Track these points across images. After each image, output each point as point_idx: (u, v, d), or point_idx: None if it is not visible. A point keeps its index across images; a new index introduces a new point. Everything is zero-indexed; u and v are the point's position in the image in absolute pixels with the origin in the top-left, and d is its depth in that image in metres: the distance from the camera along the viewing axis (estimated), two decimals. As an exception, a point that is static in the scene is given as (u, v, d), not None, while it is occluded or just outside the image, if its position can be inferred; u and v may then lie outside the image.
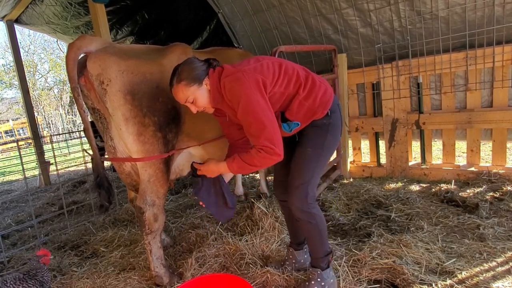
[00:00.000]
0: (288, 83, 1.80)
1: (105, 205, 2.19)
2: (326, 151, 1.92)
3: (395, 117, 3.82)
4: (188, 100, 1.79)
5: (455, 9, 3.25)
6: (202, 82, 1.77)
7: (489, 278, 1.96)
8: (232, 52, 3.02)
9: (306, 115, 1.86)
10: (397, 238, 2.41)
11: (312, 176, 1.88)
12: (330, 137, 1.91)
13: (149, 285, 2.30)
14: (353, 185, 3.72)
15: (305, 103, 1.82)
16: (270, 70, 1.76)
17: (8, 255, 3.03)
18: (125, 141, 2.09)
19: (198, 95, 1.77)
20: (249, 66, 1.75)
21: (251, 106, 1.64)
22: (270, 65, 1.78)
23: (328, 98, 1.87)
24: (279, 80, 1.77)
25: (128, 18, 4.95)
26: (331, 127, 1.90)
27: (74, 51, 1.93)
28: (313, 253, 2.00)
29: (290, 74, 1.81)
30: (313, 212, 1.89)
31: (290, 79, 1.80)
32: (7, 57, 22.76)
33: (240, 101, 1.66)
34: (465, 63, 3.32)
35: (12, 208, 4.92)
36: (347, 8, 3.77)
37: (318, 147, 1.89)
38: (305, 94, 1.82)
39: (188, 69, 1.75)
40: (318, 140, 1.89)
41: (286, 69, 1.81)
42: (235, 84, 1.68)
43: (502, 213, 2.68)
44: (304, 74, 1.86)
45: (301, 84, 1.82)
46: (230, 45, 5.10)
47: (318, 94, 1.84)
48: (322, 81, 1.92)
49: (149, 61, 2.08)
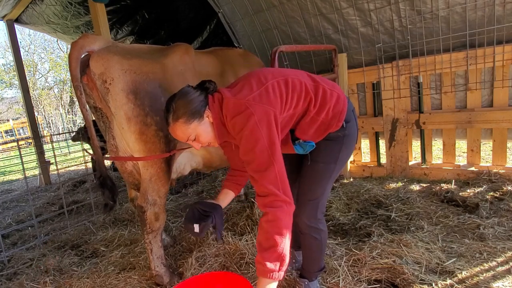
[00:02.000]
0: (297, 101, 1.59)
1: (110, 204, 2.20)
2: (339, 165, 1.76)
3: (395, 116, 3.82)
4: (190, 139, 1.55)
5: (455, 9, 3.25)
6: (203, 115, 1.52)
7: (489, 278, 1.96)
8: (233, 52, 3.02)
9: (319, 131, 1.67)
10: (397, 237, 2.41)
11: (323, 192, 1.78)
12: (345, 150, 1.74)
13: (149, 284, 2.30)
14: (353, 185, 3.72)
15: (318, 118, 1.63)
16: (277, 94, 1.52)
17: (8, 255, 3.04)
18: (127, 140, 2.09)
19: (201, 131, 1.53)
20: (254, 95, 1.49)
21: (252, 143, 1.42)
22: (276, 87, 1.54)
23: (342, 108, 1.66)
24: (287, 103, 1.55)
25: (128, 18, 4.94)
26: (346, 139, 1.72)
27: (77, 50, 1.94)
28: (307, 266, 1.94)
29: (299, 90, 1.59)
30: (320, 228, 1.82)
31: (300, 96, 1.59)
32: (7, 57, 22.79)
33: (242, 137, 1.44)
34: (466, 63, 3.32)
35: (13, 208, 4.92)
36: (347, 7, 3.77)
37: (331, 161, 1.73)
38: (317, 109, 1.62)
39: (184, 104, 1.49)
40: (332, 155, 1.72)
41: (293, 85, 1.58)
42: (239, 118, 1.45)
43: (502, 213, 2.68)
44: (312, 86, 1.64)
45: (311, 98, 1.60)
46: (230, 45, 5.10)
47: (330, 105, 1.64)
48: (334, 88, 1.69)
49: (151, 60, 2.08)
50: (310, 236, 1.82)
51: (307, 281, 1.94)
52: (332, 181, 1.82)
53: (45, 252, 3.05)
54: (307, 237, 1.84)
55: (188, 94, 1.53)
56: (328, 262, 2.23)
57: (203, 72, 2.45)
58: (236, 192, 1.86)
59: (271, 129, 1.44)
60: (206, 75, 2.46)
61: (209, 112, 1.54)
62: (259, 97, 1.48)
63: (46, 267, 2.72)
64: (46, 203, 4.73)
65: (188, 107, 1.49)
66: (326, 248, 1.94)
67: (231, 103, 1.49)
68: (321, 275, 2.08)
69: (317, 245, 1.85)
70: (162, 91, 2.08)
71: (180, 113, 1.49)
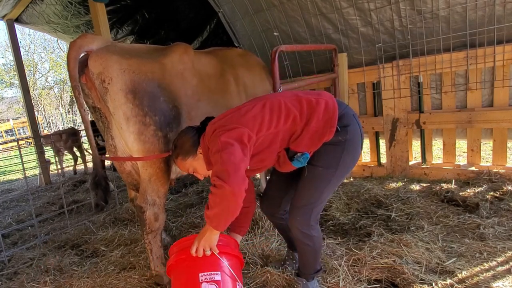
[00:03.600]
0: (277, 121, 1.64)
1: (101, 204, 2.19)
2: (340, 171, 1.73)
3: (396, 116, 3.82)
4: (190, 171, 1.80)
5: (455, 9, 3.25)
6: (196, 153, 1.74)
7: (489, 278, 1.96)
8: (232, 52, 3.02)
9: (313, 140, 1.68)
10: (397, 237, 2.41)
11: (320, 197, 1.75)
12: (347, 155, 1.70)
13: (149, 284, 2.30)
14: (354, 185, 3.72)
15: (309, 129, 1.66)
16: (249, 117, 1.62)
17: (8, 254, 3.04)
18: (126, 140, 2.09)
19: (196, 165, 1.77)
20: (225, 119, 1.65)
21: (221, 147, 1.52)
22: (250, 110, 1.65)
23: (332, 114, 1.67)
24: (263, 124, 1.62)
25: (128, 18, 4.94)
26: (348, 144, 1.70)
27: (75, 50, 1.93)
28: (302, 268, 1.97)
29: (277, 110, 1.65)
30: (312, 235, 1.80)
31: (279, 116, 1.64)
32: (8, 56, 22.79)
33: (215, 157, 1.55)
34: (466, 63, 3.31)
35: (13, 207, 4.93)
36: (347, 7, 3.77)
37: (331, 166, 1.71)
38: (305, 121, 1.67)
39: (180, 144, 1.76)
40: (332, 159, 1.70)
41: (271, 107, 1.65)
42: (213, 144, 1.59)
43: (502, 213, 2.68)
44: (295, 101, 1.69)
45: (296, 115, 1.66)
46: (230, 45, 5.10)
47: (320, 112, 1.67)
48: (320, 96, 1.73)
49: (150, 60, 2.08)
50: (303, 242, 1.82)
51: (305, 281, 1.95)
52: (332, 187, 1.79)
53: (45, 251, 3.05)
54: (299, 243, 1.86)
55: (184, 135, 1.78)
56: (328, 262, 2.23)
57: (203, 72, 2.44)
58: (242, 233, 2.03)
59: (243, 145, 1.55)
60: (205, 75, 2.46)
61: (200, 150, 1.74)
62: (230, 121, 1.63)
63: (47, 266, 2.72)
64: (46, 203, 4.74)
65: (183, 147, 1.75)
66: (321, 252, 1.92)
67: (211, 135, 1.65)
68: (320, 275, 2.08)
69: (309, 251, 1.85)
70: (161, 91, 2.08)
71: (178, 152, 1.76)
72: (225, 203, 1.50)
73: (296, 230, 1.80)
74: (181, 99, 2.20)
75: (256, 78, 3.04)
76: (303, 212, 1.76)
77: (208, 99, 2.41)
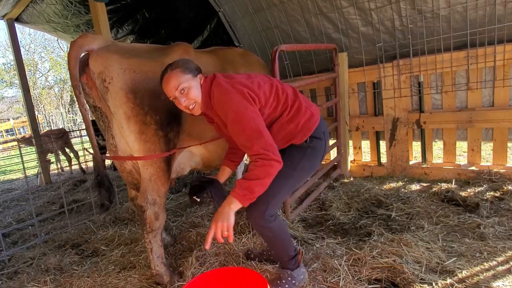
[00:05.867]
0: (276, 105, 1.78)
1: (106, 204, 2.19)
2: (298, 173, 1.85)
3: (396, 116, 3.82)
4: (180, 88, 1.70)
5: (456, 8, 3.25)
6: (197, 76, 1.77)
7: (490, 277, 1.96)
8: (233, 51, 3.02)
9: (285, 139, 1.84)
10: (397, 237, 2.41)
11: (276, 193, 1.79)
12: (307, 160, 1.85)
13: (150, 283, 2.30)
14: (354, 184, 3.72)
15: (287, 127, 1.80)
16: (261, 89, 1.74)
17: (9, 254, 3.04)
18: (126, 139, 2.09)
19: (192, 85, 1.73)
20: (240, 80, 1.73)
21: (240, 115, 1.60)
22: (262, 84, 1.77)
23: (312, 125, 1.84)
24: (268, 101, 1.75)
25: (129, 17, 4.94)
26: (310, 150, 1.85)
27: (76, 49, 1.93)
28: (277, 258, 2.02)
29: (280, 96, 1.79)
30: (270, 226, 1.82)
31: (279, 101, 1.79)
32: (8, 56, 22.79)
33: (228, 113, 1.63)
34: (466, 62, 3.31)
35: (13, 207, 4.93)
36: (348, 7, 3.77)
37: (291, 166, 1.81)
38: (288, 118, 1.80)
39: (183, 61, 1.78)
40: (293, 160, 1.83)
41: (276, 90, 1.79)
42: (223, 96, 1.66)
43: (502, 213, 2.68)
44: (292, 98, 1.84)
45: (287, 107, 1.80)
46: (230, 44, 5.10)
47: (302, 119, 1.81)
48: (310, 106, 1.88)
49: (151, 59, 2.08)
50: (263, 234, 1.87)
51: (289, 271, 1.97)
52: (289, 187, 1.84)
53: (45, 251, 3.05)
54: (261, 235, 1.90)
55: (187, 59, 1.83)
56: (328, 261, 2.23)
57: (203, 71, 2.43)
58: (232, 168, 2.11)
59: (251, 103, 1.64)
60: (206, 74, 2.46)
61: (202, 76, 1.78)
62: (244, 84, 1.70)
63: (47, 266, 2.72)
64: (46, 202, 4.74)
65: (186, 64, 1.76)
66: (287, 238, 1.92)
67: (220, 79, 1.73)
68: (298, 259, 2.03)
69: (273, 241, 1.89)
70: (162, 90, 2.07)
71: (179, 65, 1.74)
72: (267, 180, 1.59)
73: (253, 223, 1.85)
74: (181, 99, 2.20)
75: (256, 78, 3.03)
76: (259, 206, 1.77)
77: (208, 99, 2.41)
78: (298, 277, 1.98)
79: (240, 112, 1.60)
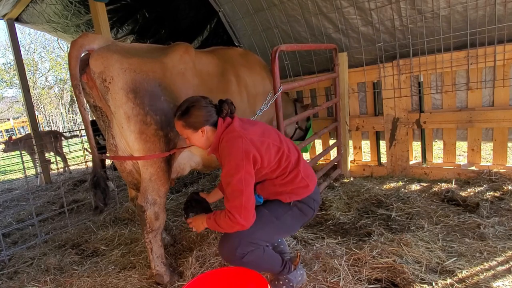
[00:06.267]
0: (275, 169, 1.85)
1: (100, 206, 2.16)
2: (279, 224, 1.87)
3: (396, 116, 3.82)
4: (182, 136, 1.92)
5: (456, 8, 3.25)
6: (198, 130, 1.84)
7: (490, 277, 1.96)
8: (233, 51, 3.02)
9: (272, 194, 1.91)
10: (397, 237, 2.41)
11: (251, 234, 1.78)
12: (291, 217, 1.88)
13: (150, 283, 2.30)
14: (354, 184, 3.72)
15: (278, 188, 1.88)
16: (268, 153, 1.80)
17: (9, 254, 3.04)
18: (126, 139, 2.09)
19: (191, 137, 1.88)
20: (252, 137, 1.78)
21: (233, 171, 1.70)
22: (271, 147, 1.82)
23: (302, 194, 1.89)
24: (270, 164, 1.82)
25: (129, 17, 4.94)
26: (296, 210, 1.89)
27: (76, 49, 1.93)
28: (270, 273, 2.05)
29: (282, 163, 1.85)
30: (244, 261, 1.80)
31: (279, 166, 1.85)
32: (8, 56, 22.79)
33: (226, 163, 1.73)
34: (466, 62, 3.31)
35: (13, 207, 4.93)
36: (348, 6, 3.77)
37: (274, 215, 1.86)
38: (282, 183, 1.87)
39: (191, 114, 1.82)
40: (279, 210, 1.88)
41: (281, 157, 1.85)
42: (229, 146, 1.74)
43: (502, 212, 2.68)
44: (292, 166, 1.88)
45: (285, 173, 1.87)
46: (230, 44, 5.10)
47: (294, 187, 1.87)
48: (307, 177, 1.91)
49: (151, 59, 2.08)
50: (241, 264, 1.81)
51: (286, 275, 1.98)
52: (266, 233, 1.84)
53: (45, 251, 3.05)
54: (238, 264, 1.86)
55: (199, 109, 1.82)
56: (328, 261, 2.23)
57: (204, 71, 2.44)
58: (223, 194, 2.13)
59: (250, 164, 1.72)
60: (206, 74, 2.46)
61: (205, 128, 1.84)
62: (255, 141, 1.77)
63: (47, 266, 2.72)
64: (46, 202, 4.74)
65: (191, 119, 1.82)
66: (267, 257, 1.90)
67: (234, 128, 1.80)
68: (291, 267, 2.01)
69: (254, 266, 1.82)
70: (162, 90, 2.08)
71: (184, 118, 1.83)
72: (228, 230, 1.76)
73: (224, 258, 1.87)
74: (182, 99, 2.19)
75: (257, 78, 3.04)
76: (230, 243, 1.79)
77: (208, 99, 2.41)
78: (295, 279, 2.00)
79: (235, 169, 1.70)
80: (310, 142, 3.59)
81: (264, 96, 3.05)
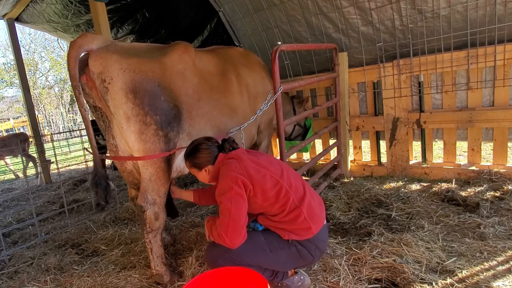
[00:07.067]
0: (274, 203, 1.85)
1: (102, 203, 2.18)
2: (271, 257, 1.87)
3: (396, 116, 3.82)
4: (191, 171, 2.10)
5: (456, 8, 3.24)
6: (202, 169, 2.00)
7: (490, 277, 1.96)
8: (233, 51, 3.02)
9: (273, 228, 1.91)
10: (397, 237, 2.41)
11: (239, 256, 1.82)
12: (284, 254, 1.87)
13: (150, 283, 2.30)
14: (354, 184, 3.72)
15: (279, 225, 1.88)
16: (263, 181, 1.83)
17: (9, 253, 3.05)
18: (126, 139, 2.09)
19: (197, 174, 2.06)
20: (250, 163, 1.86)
21: (223, 190, 1.80)
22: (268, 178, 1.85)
23: (303, 235, 1.86)
24: (265, 194, 1.83)
25: (129, 17, 4.94)
26: (294, 250, 1.87)
27: (75, 49, 1.93)
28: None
29: (280, 197, 1.85)
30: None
31: (277, 201, 1.85)
32: (8, 56, 22.80)
33: (220, 181, 1.84)
34: (467, 62, 3.31)
35: (13, 207, 4.93)
36: (348, 6, 3.76)
37: (269, 247, 1.87)
38: (283, 220, 1.86)
39: (196, 156, 1.98)
40: (275, 244, 1.87)
41: (279, 190, 1.85)
42: (226, 168, 1.86)
43: (502, 212, 2.68)
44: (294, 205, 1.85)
45: (285, 210, 1.85)
46: (230, 44, 5.09)
47: (294, 227, 1.85)
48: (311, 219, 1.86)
49: (151, 59, 2.08)
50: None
51: (279, 282, 2.02)
52: (255, 257, 1.86)
53: (45, 250, 3.06)
54: None
55: (202, 151, 1.98)
56: (329, 261, 2.23)
57: (204, 70, 2.44)
58: (195, 200, 2.36)
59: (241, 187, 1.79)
60: (206, 73, 2.45)
61: (208, 168, 1.99)
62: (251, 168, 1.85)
63: (47, 265, 2.73)
64: (46, 202, 4.75)
65: (195, 159, 2.00)
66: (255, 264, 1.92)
67: (230, 158, 1.92)
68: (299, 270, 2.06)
69: None
70: (162, 90, 2.07)
71: (189, 159, 2.02)
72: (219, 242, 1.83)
73: (206, 260, 1.97)
74: (181, 98, 2.20)
75: (257, 77, 3.04)
76: (217, 251, 1.86)
77: (209, 98, 2.41)
78: (293, 284, 2.01)
79: (225, 188, 1.79)
80: (310, 142, 3.59)
81: (264, 96, 3.05)
